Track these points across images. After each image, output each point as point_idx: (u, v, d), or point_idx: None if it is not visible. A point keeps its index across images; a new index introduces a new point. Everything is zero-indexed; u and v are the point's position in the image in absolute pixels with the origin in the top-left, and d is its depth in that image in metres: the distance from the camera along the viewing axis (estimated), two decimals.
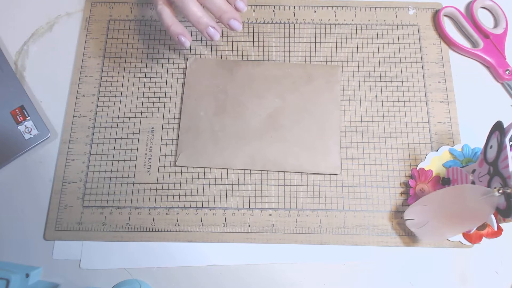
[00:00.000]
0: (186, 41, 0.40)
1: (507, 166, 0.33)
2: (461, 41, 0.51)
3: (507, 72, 0.49)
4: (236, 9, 0.39)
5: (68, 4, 0.52)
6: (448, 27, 0.52)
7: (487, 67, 0.50)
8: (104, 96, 0.48)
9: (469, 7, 0.52)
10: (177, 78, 0.49)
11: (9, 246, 0.43)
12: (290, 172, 0.45)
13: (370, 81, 0.49)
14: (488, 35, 0.50)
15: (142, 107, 0.48)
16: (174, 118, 0.47)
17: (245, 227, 0.44)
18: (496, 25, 0.52)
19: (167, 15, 0.39)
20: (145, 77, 0.49)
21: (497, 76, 0.50)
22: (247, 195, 0.45)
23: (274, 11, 0.52)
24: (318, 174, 0.45)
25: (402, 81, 0.49)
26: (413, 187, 0.44)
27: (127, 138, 0.47)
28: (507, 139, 0.34)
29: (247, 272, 0.43)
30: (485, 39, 0.50)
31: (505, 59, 0.49)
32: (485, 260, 0.43)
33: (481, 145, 0.39)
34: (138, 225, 0.44)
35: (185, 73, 0.49)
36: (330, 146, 0.46)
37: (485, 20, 0.52)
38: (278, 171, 0.45)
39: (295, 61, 0.50)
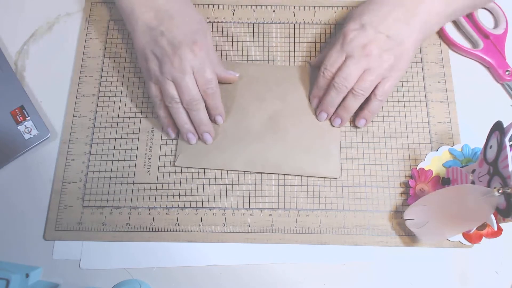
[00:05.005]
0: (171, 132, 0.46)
1: (507, 166, 0.33)
2: (461, 41, 0.51)
3: (507, 73, 0.49)
4: (213, 122, 0.46)
5: (68, 4, 0.52)
6: (448, 27, 0.52)
7: (487, 68, 0.50)
8: (104, 96, 0.48)
9: None
10: None
11: (9, 246, 0.43)
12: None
13: None
14: (488, 35, 0.50)
15: (142, 107, 0.48)
16: None
17: (245, 227, 0.44)
18: (496, 25, 0.52)
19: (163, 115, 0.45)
20: None
21: (497, 77, 0.49)
22: (247, 195, 0.45)
23: (274, 11, 0.52)
24: (318, 177, 0.45)
25: (402, 81, 0.49)
26: (413, 187, 0.44)
27: (127, 138, 0.47)
28: (507, 139, 0.34)
29: (247, 272, 0.42)
30: (485, 39, 0.50)
31: (505, 59, 0.49)
32: (485, 260, 0.43)
33: (481, 145, 0.39)
34: (138, 225, 0.44)
35: None
36: (331, 149, 0.46)
37: (485, 20, 0.52)
38: (278, 173, 0.45)
39: (295, 61, 0.50)
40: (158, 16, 0.43)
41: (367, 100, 0.44)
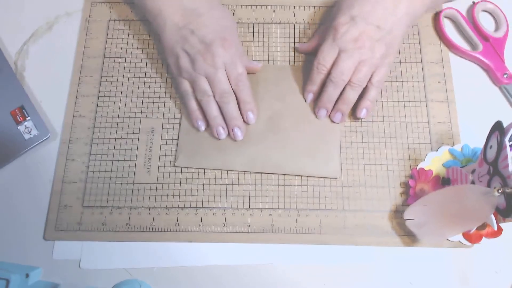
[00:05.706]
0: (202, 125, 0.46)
1: (507, 166, 0.33)
2: (460, 43, 0.51)
3: (505, 76, 0.49)
4: (245, 120, 0.46)
5: (68, 4, 0.52)
6: (448, 28, 0.52)
7: (486, 70, 0.50)
8: (104, 96, 0.48)
9: (470, 10, 0.52)
10: None
11: (9, 246, 0.43)
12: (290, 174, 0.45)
13: None
14: (488, 38, 0.50)
15: (142, 107, 0.48)
16: (174, 118, 0.47)
17: (245, 227, 0.44)
18: (497, 28, 0.52)
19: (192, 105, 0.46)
20: (145, 77, 0.49)
21: (495, 80, 0.49)
22: (247, 195, 0.45)
23: (274, 11, 0.52)
24: (319, 177, 0.45)
25: (402, 81, 0.49)
26: (413, 187, 0.44)
27: (127, 138, 0.47)
28: (506, 139, 0.34)
29: (247, 272, 0.42)
30: (485, 42, 0.50)
31: (504, 62, 0.49)
32: (485, 260, 0.43)
33: (481, 145, 0.39)
34: (138, 225, 0.43)
35: None
36: (330, 149, 0.46)
37: (486, 23, 0.52)
38: (278, 174, 0.45)
39: (294, 61, 0.50)
40: (186, 15, 0.44)
41: (365, 90, 0.45)
